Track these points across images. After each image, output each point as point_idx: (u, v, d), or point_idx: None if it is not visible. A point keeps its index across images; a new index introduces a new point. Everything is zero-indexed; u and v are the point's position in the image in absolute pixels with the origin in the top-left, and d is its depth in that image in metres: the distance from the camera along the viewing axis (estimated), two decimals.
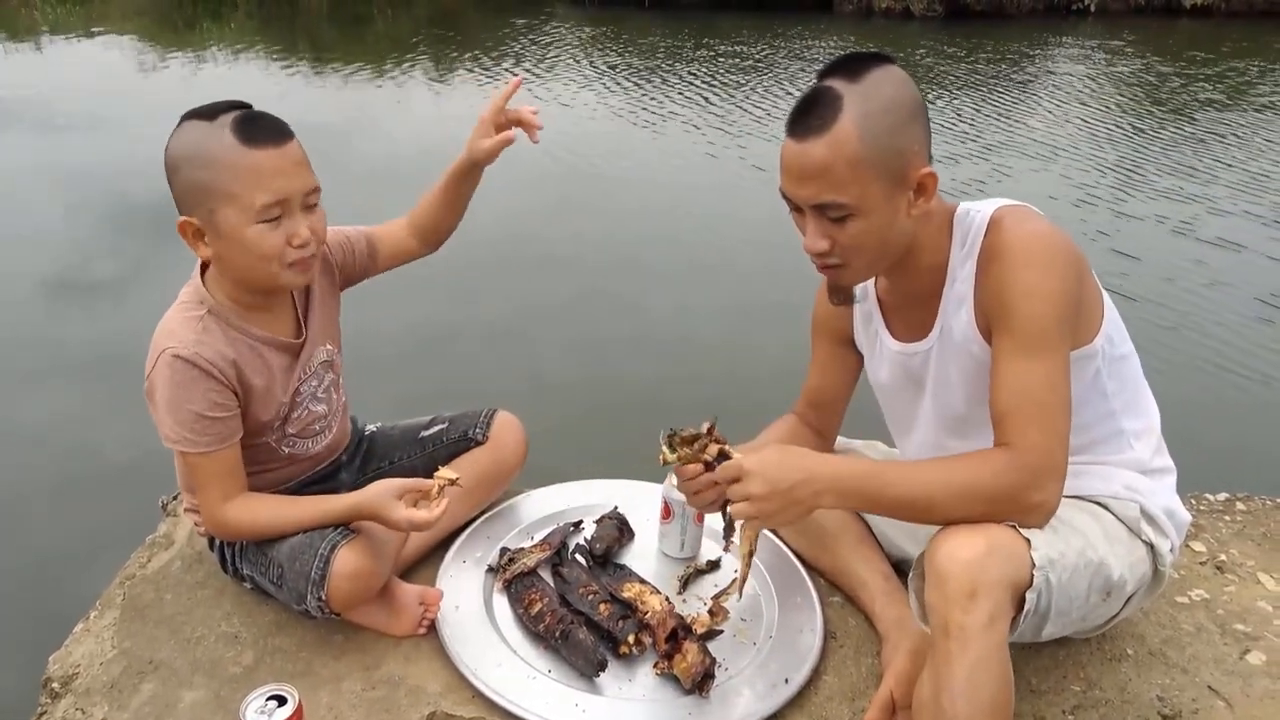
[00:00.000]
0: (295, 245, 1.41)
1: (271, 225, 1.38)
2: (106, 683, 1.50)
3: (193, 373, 1.41)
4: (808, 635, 1.60)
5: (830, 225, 1.31)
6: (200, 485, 1.48)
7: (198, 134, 1.37)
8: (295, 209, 1.40)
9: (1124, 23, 12.54)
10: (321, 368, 1.63)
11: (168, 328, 1.45)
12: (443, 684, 1.50)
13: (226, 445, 1.47)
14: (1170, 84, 9.07)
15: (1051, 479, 1.26)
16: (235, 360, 1.46)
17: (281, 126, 1.40)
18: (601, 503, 1.89)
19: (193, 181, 1.37)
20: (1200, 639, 1.64)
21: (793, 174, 1.31)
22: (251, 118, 1.38)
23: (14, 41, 10.85)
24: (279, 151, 1.37)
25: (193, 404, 1.42)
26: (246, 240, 1.38)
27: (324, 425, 1.67)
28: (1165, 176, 6.18)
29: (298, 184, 1.39)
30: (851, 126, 1.25)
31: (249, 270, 1.43)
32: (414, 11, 13.50)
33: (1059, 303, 1.29)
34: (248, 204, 1.36)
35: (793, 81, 8.85)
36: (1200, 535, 1.92)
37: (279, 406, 1.56)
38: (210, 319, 1.46)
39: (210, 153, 1.36)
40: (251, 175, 1.35)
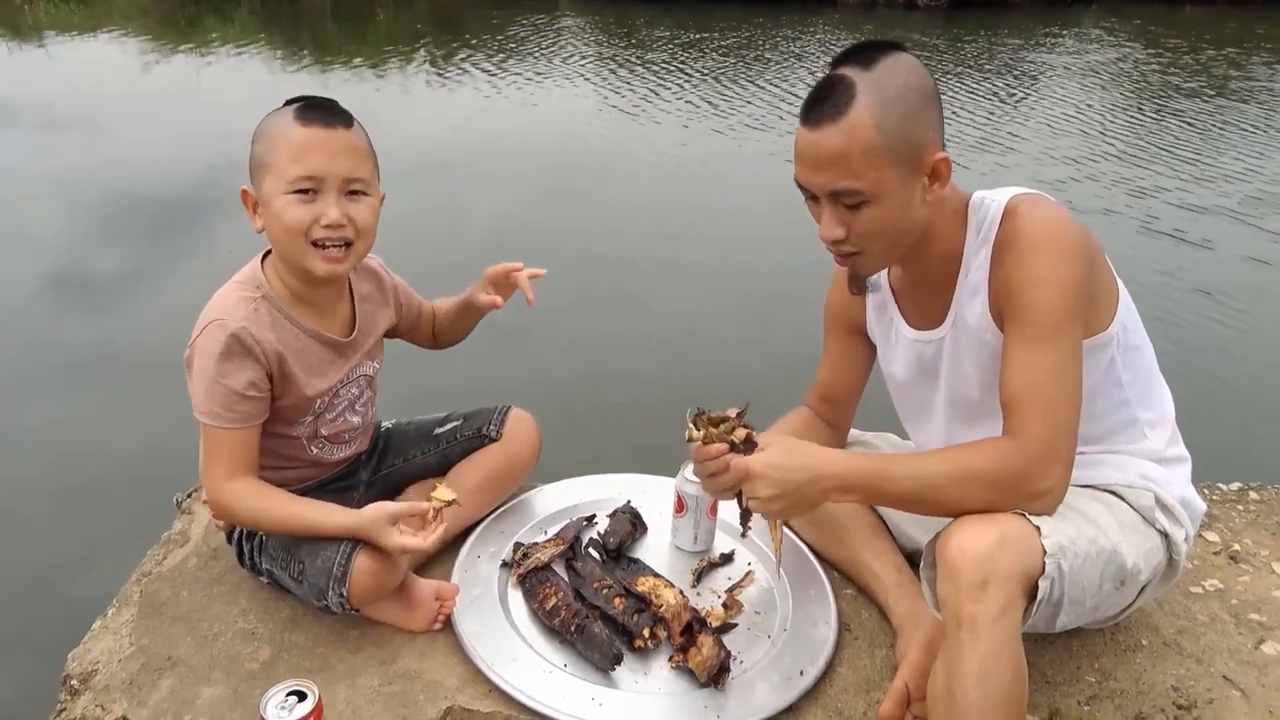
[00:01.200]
0: (323, 225, 1.43)
1: (302, 199, 1.42)
2: (125, 679, 1.51)
3: (236, 348, 1.44)
4: (822, 628, 1.60)
5: (846, 212, 1.32)
6: (209, 456, 1.50)
7: (272, 115, 1.46)
8: (330, 191, 1.43)
9: (1127, 10, 12.49)
10: (364, 380, 1.67)
11: (222, 302, 1.48)
12: (459, 678, 1.50)
13: (247, 426, 1.49)
14: (1174, 71, 9.03)
15: (1055, 466, 1.26)
16: (279, 348, 1.49)
17: (341, 112, 1.46)
18: (614, 497, 1.90)
19: (254, 154, 1.45)
20: (1215, 629, 1.64)
21: (808, 162, 1.31)
22: (315, 102, 1.45)
23: (16, 40, 10.85)
24: (326, 132, 1.42)
25: (227, 379, 1.44)
26: (275, 208, 1.42)
27: (353, 437, 1.70)
28: (1172, 163, 6.16)
29: (337, 166, 1.42)
30: (866, 113, 1.26)
31: (281, 245, 1.47)
32: (416, 8, 13.47)
33: (1070, 291, 1.29)
34: (282, 172, 1.41)
35: (798, 73, 8.83)
36: (1214, 525, 1.92)
37: (314, 402, 1.57)
38: (264, 303, 1.49)
39: (270, 127, 1.44)
40: (292, 147, 1.41)
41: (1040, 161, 6.20)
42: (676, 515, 1.79)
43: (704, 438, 1.40)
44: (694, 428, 1.41)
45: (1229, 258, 4.73)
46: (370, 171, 1.48)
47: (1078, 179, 5.82)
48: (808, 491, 1.31)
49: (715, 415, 1.41)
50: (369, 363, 1.67)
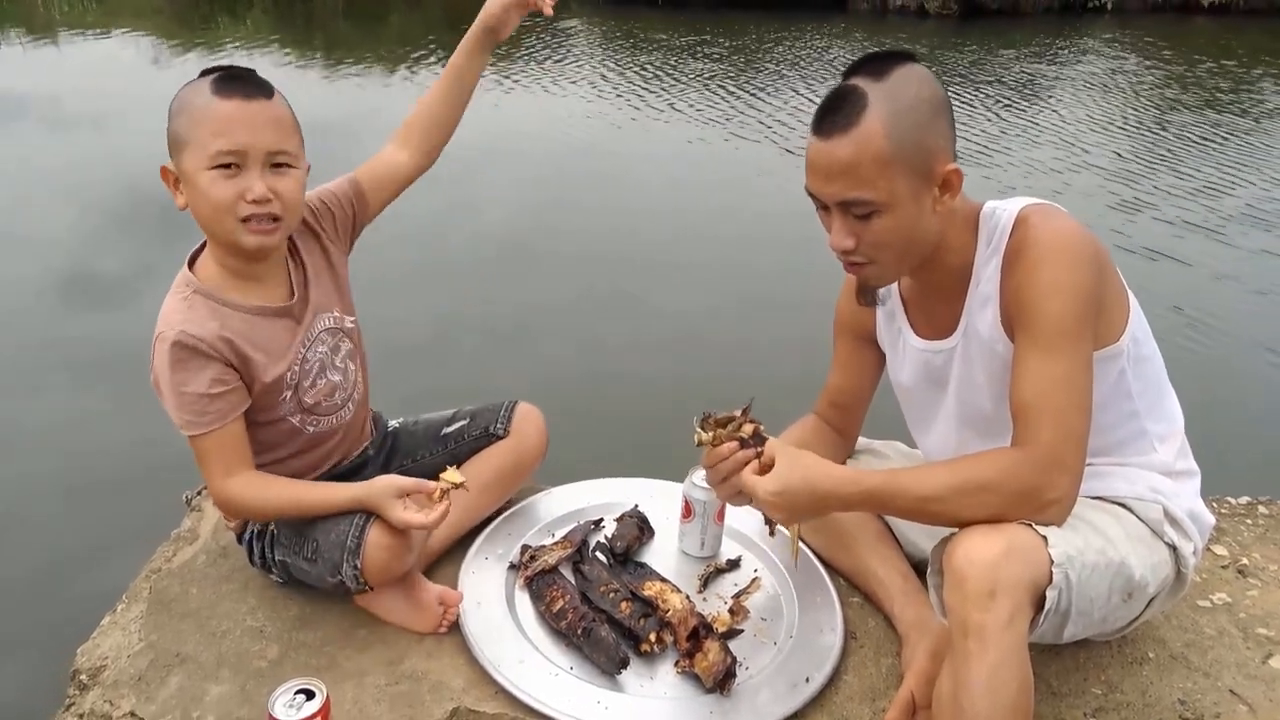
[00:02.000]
0: (248, 200, 1.39)
1: (225, 174, 1.38)
2: (134, 675, 1.52)
3: (184, 353, 1.42)
4: (828, 635, 1.60)
5: (856, 223, 1.32)
6: (202, 462, 1.48)
7: (188, 88, 1.42)
8: (254, 165, 1.39)
9: (1140, 21, 12.46)
10: (328, 334, 1.60)
11: (163, 315, 1.46)
12: (465, 679, 1.51)
13: (228, 421, 1.46)
14: (1187, 83, 9.01)
15: (1064, 477, 1.26)
16: (226, 335, 1.45)
17: (260, 83, 1.42)
18: (621, 501, 1.90)
19: (172, 129, 1.41)
20: (1222, 643, 1.64)
21: (819, 172, 1.32)
22: (233, 74, 1.41)
23: (29, 36, 10.91)
24: (246, 104, 1.38)
25: (191, 385, 1.43)
26: (200, 185, 1.39)
27: (345, 398, 1.65)
28: (1186, 175, 6.14)
29: (260, 139, 1.38)
30: (877, 124, 1.26)
31: (208, 222, 1.43)
32: (427, 9, 13.51)
33: (1080, 301, 1.29)
34: (203, 147, 1.37)
35: (808, 79, 8.83)
36: (1222, 539, 1.91)
37: (285, 375, 1.53)
38: (196, 297, 1.46)
39: (189, 101, 1.40)
40: (212, 121, 1.37)
41: (1046, 172, 6.19)
42: (684, 520, 1.79)
43: (713, 439, 1.42)
44: (702, 431, 1.43)
45: (1237, 269, 4.72)
46: (295, 144, 1.44)
47: (1088, 187, 5.81)
48: (814, 508, 1.37)
49: (722, 416, 1.43)
50: (327, 314, 1.60)
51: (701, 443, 1.43)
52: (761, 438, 1.41)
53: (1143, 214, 5.41)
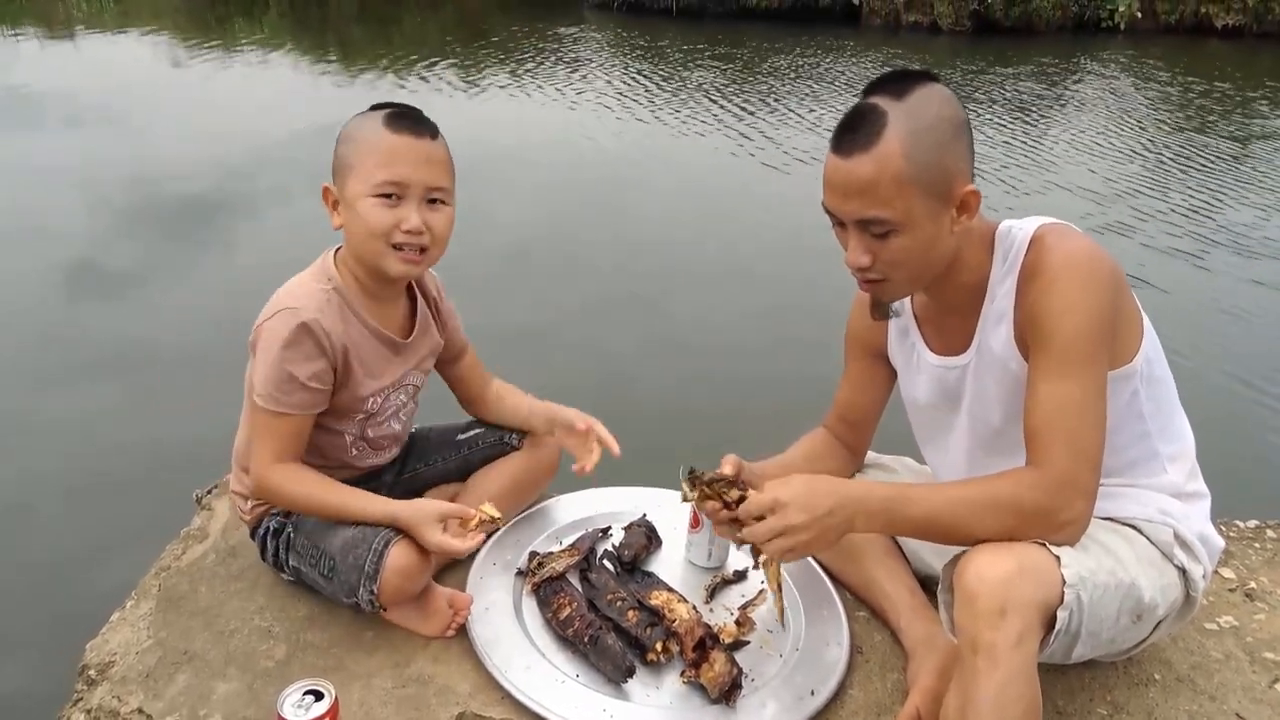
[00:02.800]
0: (404, 230, 1.46)
1: (385, 203, 1.46)
2: (142, 672, 1.52)
3: (306, 337, 1.47)
4: (834, 649, 1.60)
5: (873, 241, 1.33)
6: (259, 437, 1.52)
7: (360, 118, 1.51)
8: (413, 197, 1.47)
9: (1154, 41, 12.47)
10: (411, 388, 1.70)
11: (295, 291, 1.51)
12: (472, 684, 1.51)
13: (302, 414, 1.52)
14: (1193, 106, 9.02)
15: (1078, 499, 1.26)
16: (345, 341, 1.52)
17: (428, 124, 1.50)
18: (630, 510, 1.91)
19: (339, 154, 1.50)
20: (1229, 666, 1.63)
21: (837, 190, 1.32)
22: (405, 111, 1.49)
23: (48, 35, 11.00)
24: (413, 141, 1.47)
25: (293, 365, 1.47)
26: (359, 210, 1.46)
27: (390, 444, 1.73)
28: (1198, 197, 6.14)
29: (421, 175, 1.47)
30: (897, 144, 1.26)
31: (361, 245, 1.50)
32: (442, 15, 13.60)
33: (1095, 321, 1.29)
34: (368, 176, 1.45)
35: (821, 92, 8.86)
36: (1230, 562, 1.91)
37: (368, 401, 1.61)
38: (335, 295, 1.53)
39: (359, 131, 1.49)
40: (379, 153, 1.45)
41: (1056, 191, 6.19)
42: (691, 530, 1.80)
43: (699, 497, 1.44)
44: (688, 488, 1.45)
45: (1249, 289, 4.71)
46: (450, 183, 1.52)
47: (1101, 208, 5.81)
48: (834, 518, 1.31)
49: (708, 476, 1.45)
50: (418, 373, 1.69)
51: (686, 499, 1.46)
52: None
53: (1135, 236, 5.41)
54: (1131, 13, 12.77)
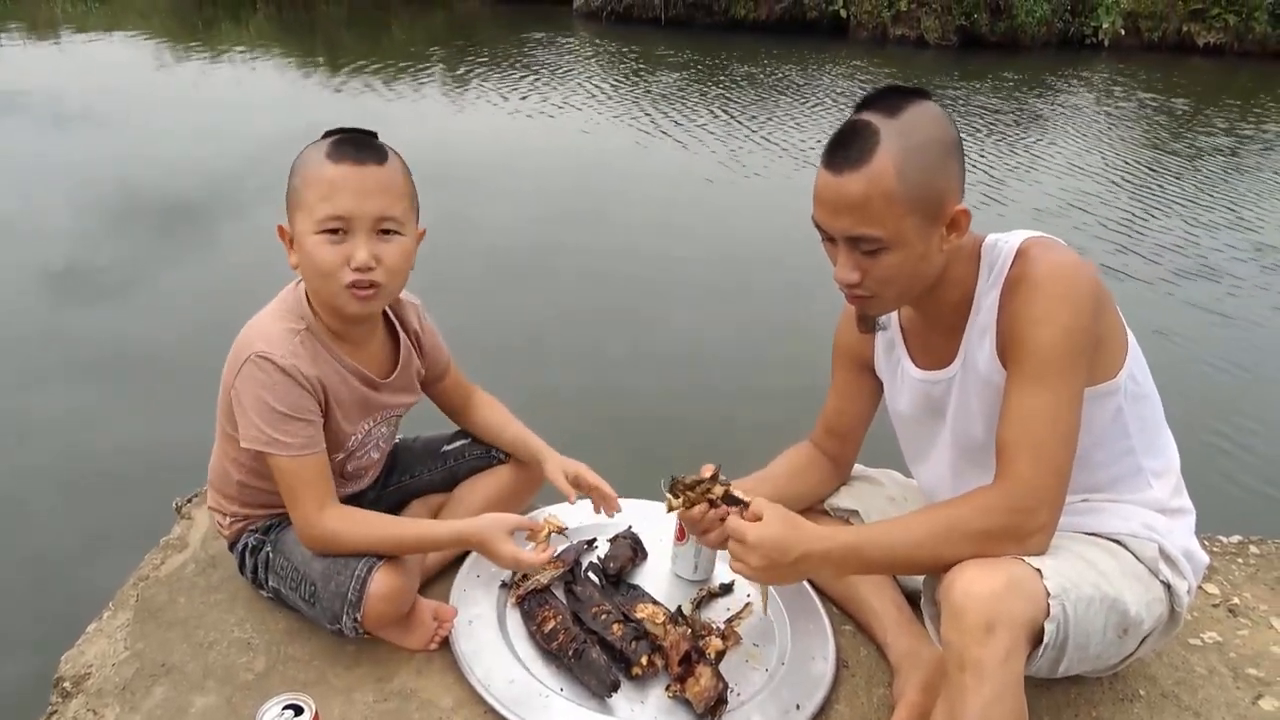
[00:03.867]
0: (352, 266, 1.40)
1: (331, 239, 1.40)
2: (118, 684, 1.50)
3: (282, 376, 1.42)
4: (820, 663, 1.60)
5: (862, 258, 1.32)
6: (294, 493, 1.46)
7: (308, 148, 1.44)
8: (360, 230, 1.40)
9: (1136, 58, 12.63)
10: (394, 420, 1.67)
11: (263, 332, 1.45)
12: (455, 699, 1.49)
13: (315, 451, 1.47)
14: (1182, 122, 9.12)
15: (1043, 510, 1.28)
16: (323, 382, 1.48)
17: (375, 148, 1.42)
18: (615, 522, 1.88)
19: (289, 189, 1.43)
20: (1213, 682, 1.64)
21: (827, 206, 1.32)
22: (349, 139, 1.41)
23: (34, 36, 10.91)
24: (357, 170, 1.38)
25: (280, 405, 1.43)
26: (307, 248, 1.40)
27: (369, 471, 1.70)
28: (1179, 214, 6.21)
29: (366, 206, 1.39)
30: (889, 162, 1.26)
31: (314, 284, 1.45)
32: (430, 21, 13.59)
33: (1073, 334, 1.29)
34: (311, 212, 1.39)
35: (809, 105, 8.90)
36: (1213, 578, 1.92)
37: (346, 439, 1.57)
38: (307, 336, 1.47)
39: (303, 163, 1.42)
40: (321, 186, 1.38)
41: (1037, 204, 6.23)
42: (677, 543, 1.79)
43: (684, 503, 1.44)
44: (672, 497, 1.45)
45: (1237, 311, 4.75)
46: (404, 210, 1.44)
47: (1082, 222, 5.86)
48: (796, 568, 1.34)
49: (690, 480, 1.45)
50: (402, 404, 1.66)
51: (672, 508, 1.45)
52: (733, 497, 1.43)
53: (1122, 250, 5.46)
54: (1115, 30, 12.91)
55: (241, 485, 1.57)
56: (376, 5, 14.19)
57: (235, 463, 1.55)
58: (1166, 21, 13.20)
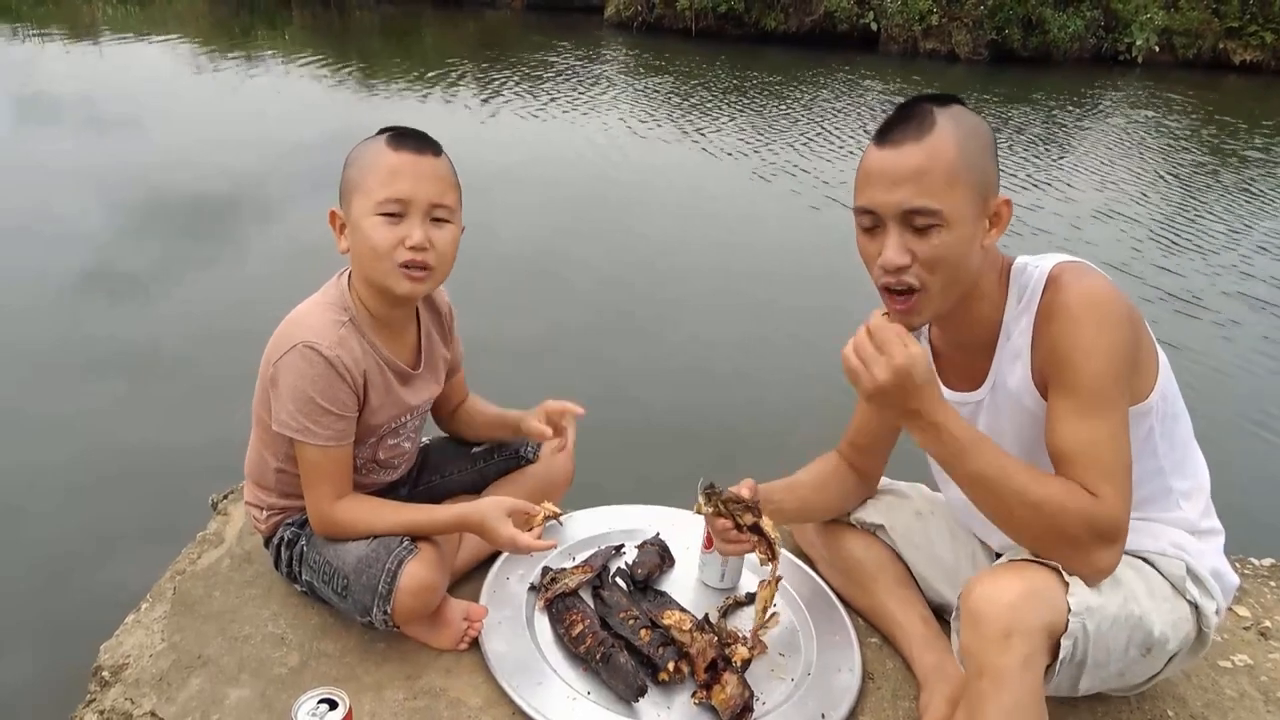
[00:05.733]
0: (408, 245, 1.46)
1: (389, 221, 1.46)
2: (155, 675, 1.53)
3: (328, 369, 1.47)
4: (845, 674, 1.60)
5: (913, 237, 1.30)
6: (313, 481, 1.53)
7: (365, 142, 1.52)
8: (416, 214, 1.47)
9: (1171, 75, 12.51)
10: (421, 412, 1.71)
11: (307, 322, 1.50)
12: (483, 698, 1.51)
13: (343, 444, 1.53)
14: (1218, 140, 9.02)
15: (1121, 540, 1.28)
16: (365, 371, 1.53)
17: (430, 142, 1.50)
18: (643, 528, 1.91)
19: (345, 178, 1.50)
20: (1243, 705, 1.62)
21: (883, 179, 1.30)
22: (407, 131, 1.50)
23: (74, 38, 11.12)
24: (415, 158, 1.47)
25: (320, 397, 1.48)
26: (364, 229, 1.46)
27: (402, 461, 1.73)
28: (1213, 232, 6.14)
29: (423, 191, 1.47)
30: (950, 136, 1.28)
31: (367, 265, 1.50)
32: (461, 31, 13.71)
33: (1117, 361, 1.30)
34: (371, 195, 1.45)
35: (837, 118, 8.89)
36: (1245, 600, 1.90)
37: (378, 429, 1.61)
38: (351, 328, 1.52)
39: (363, 153, 1.50)
40: (382, 171, 1.46)
41: (1071, 221, 6.19)
42: (705, 551, 1.80)
43: (713, 513, 1.49)
44: (704, 501, 1.50)
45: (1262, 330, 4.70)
46: (455, 200, 1.52)
47: (1115, 241, 5.81)
48: (902, 413, 1.27)
49: (726, 495, 1.51)
50: (429, 393, 1.70)
51: (701, 511, 1.49)
52: (759, 529, 1.49)
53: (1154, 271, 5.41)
54: (1149, 46, 12.81)
55: (279, 473, 1.61)
56: (408, 14, 14.34)
57: (273, 450, 1.60)
58: (1202, 39, 13.08)
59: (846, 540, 1.78)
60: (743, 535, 1.52)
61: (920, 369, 1.24)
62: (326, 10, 14.37)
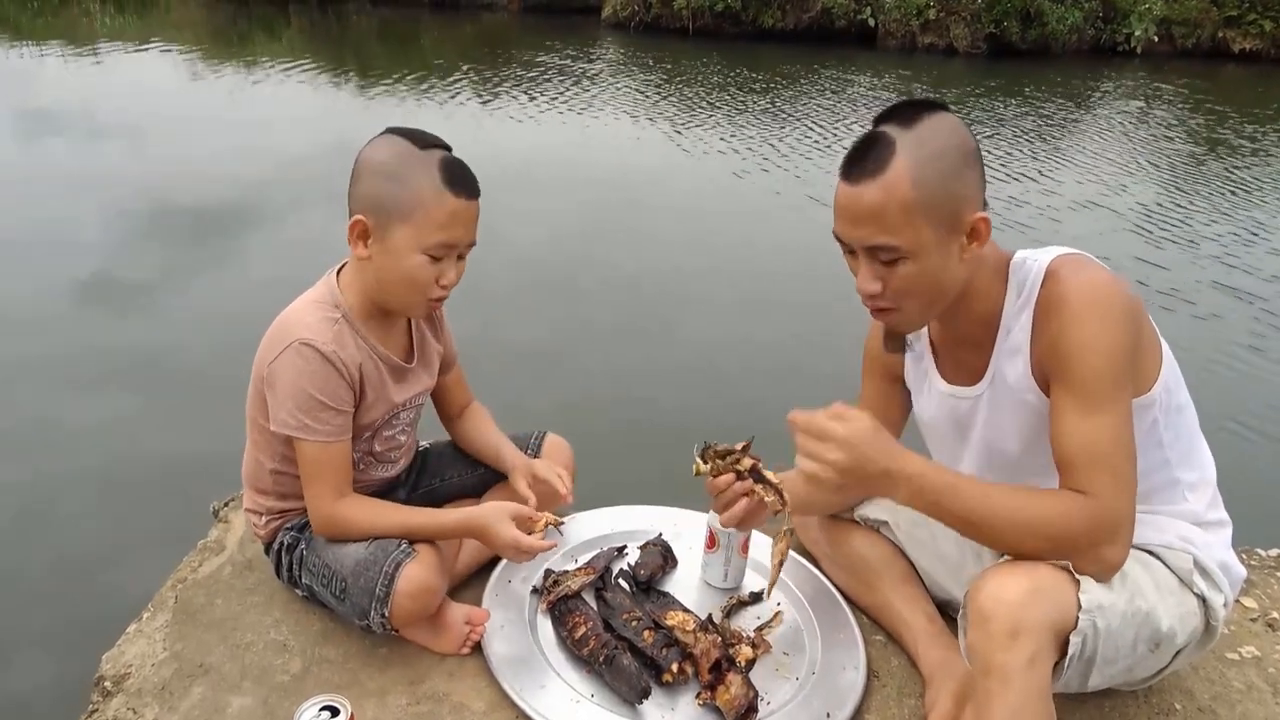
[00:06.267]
0: (441, 285, 1.50)
1: (432, 262, 1.47)
2: (158, 684, 1.53)
3: (324, 365, 1.48)
4: (850, 673, 1.59)
5: (882, 268, 1.33)
6: (314, 478, 1.53)
7: (404, 153, 1.46)
8: (454, 256, 1.50)
9: (1170, 65, 12.46)
10: (417, 407, 1.71)
11: (301, 319, 1.51)
12: (487, 702, 1.51)
13: (342, 440, 1.53)
14: (1218, 130, 9.00)
15: (1125, 534, 1.26)
16: (360, 366, 1.53)
17: (477, 183, 1.50)
18: (646, 529, 1.90)
19: (383, 192, 1.45)
20: (1251, 697, 1.61)
21: (846, 217, 1.33)
22: (458, 164, 1.48)
23: (72, 49, 11.13)
24: (469, 204, 1.48)
25: (319, 393, 1.48)
26: (405, 264, 1.47)
27: (399, 456, 1.73)
28: (1215, 222, 6.12)
29: (468, 237, 1.50)
30: (904, 171, 1.27)
31: (393, 289, 1.51)
32: (459, 34, 13.71)
33: (1119, 355, 1.29)
34: (424, 235, 1.45)
35: (836, 114, 8.87)
36: (1251, 591, 1.89)
37: (373, 423, 1.61)
38: (344, 325, 1.53)
39: (412, 177, 1.44)
40: (440, 214, 1.45)
41: (1073, 213, 6.18)
42: (708, 551, 1.79)
43: (711, 470, 1.46)
44: (701, 462, 1.47)
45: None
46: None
47: (1117, 232, 5.80)
48: (874, 479, 1.27)
49: (722, 448, 1.47)
50: (425, 386, 1.70)
51: (699, 473, 1.47)
52: (759, 473, 1.44)
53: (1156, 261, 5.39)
54: (1148, 37, 12.77)
55: (276, 475, 1.61)
56: (406, 18, 14.34)
57: (268, 452, 1.59)
58: (1201, 28, 13.03)
59: (851, 537, 1.78)
60: (745, 486, 1.47)
61: (866, 433, 1.26)
62: (324, 15, 14.37)
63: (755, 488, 1.45)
